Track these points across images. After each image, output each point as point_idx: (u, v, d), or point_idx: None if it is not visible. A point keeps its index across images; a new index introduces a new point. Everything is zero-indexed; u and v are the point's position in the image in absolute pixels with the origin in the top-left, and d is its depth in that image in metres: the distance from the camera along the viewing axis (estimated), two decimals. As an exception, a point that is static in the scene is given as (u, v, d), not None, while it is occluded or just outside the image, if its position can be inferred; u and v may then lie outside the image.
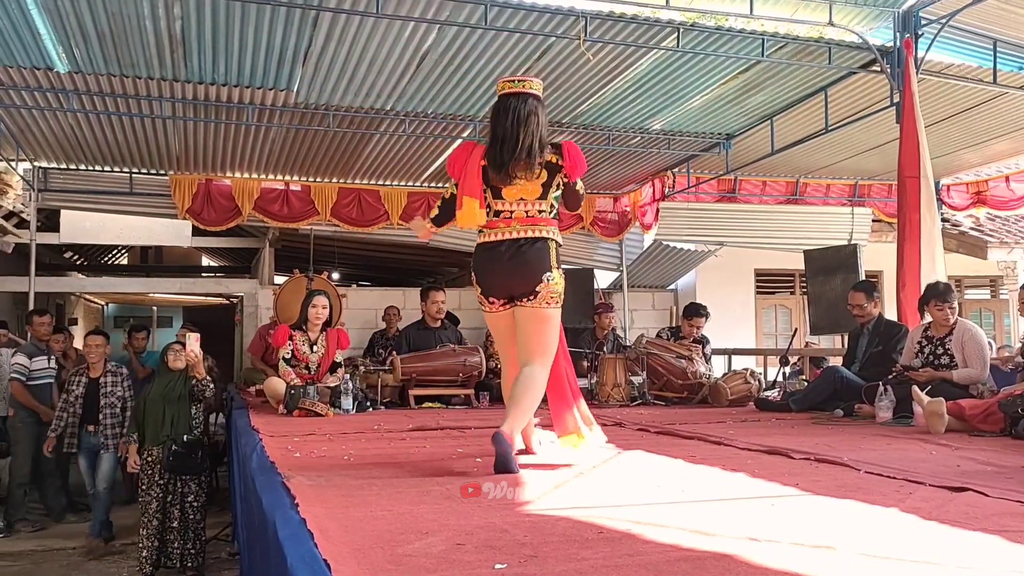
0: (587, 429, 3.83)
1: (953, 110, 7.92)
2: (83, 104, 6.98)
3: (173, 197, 8.96)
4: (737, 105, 7.72)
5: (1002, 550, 1.97)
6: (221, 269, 16.65)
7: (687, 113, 7.84)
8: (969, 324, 5.42)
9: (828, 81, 7.23)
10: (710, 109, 7.79)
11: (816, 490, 2.75)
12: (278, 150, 8.44)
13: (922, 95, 6.62)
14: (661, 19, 5.98)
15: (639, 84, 7.06)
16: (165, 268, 16.37)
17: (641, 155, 8.99)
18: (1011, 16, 6.46)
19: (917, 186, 6.32)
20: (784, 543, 2.02)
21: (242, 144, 8.24)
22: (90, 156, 8.60)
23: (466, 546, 2.00)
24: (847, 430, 4.79)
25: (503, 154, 3.41)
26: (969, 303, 12.55)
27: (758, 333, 11.35)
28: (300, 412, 5.66)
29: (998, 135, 8.78)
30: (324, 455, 3.76)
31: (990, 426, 4.39)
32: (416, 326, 7.72)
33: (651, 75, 6.88)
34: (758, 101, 7.64)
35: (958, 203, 10.70)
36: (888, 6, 6.34)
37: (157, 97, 6.88)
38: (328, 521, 2.23)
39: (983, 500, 2.58)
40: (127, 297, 16.64)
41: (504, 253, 3.48)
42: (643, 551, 1.97)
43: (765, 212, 10.06)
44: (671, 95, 7.34)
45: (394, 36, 5.98)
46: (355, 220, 9.39)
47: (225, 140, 8.11)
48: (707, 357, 7.65)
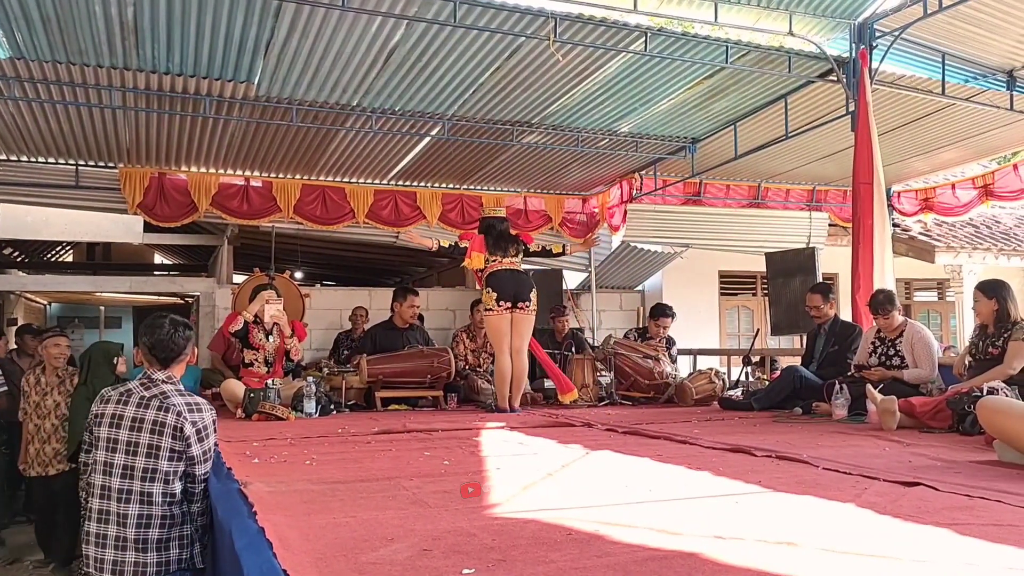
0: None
1: (904, 120, 8.18)
2: (26, 92, 6.63)
3: (122, 191, 8.61)
4: (702, 110, 7.83)
5: (953, 543, 2.05)
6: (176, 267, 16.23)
7: (654, 116, 7.93)
8: (918, 326, 5.60)
9: (788, 89, 7.41)
10: (676, 113, 7.89)
11: (778, 487, 2.82)
12: (238, 144, 8.23)
13: (875, 105, 6.84)
14: (629, 23, 6.06)
15: (607, 86, 7.13)
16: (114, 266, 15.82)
17: (609, 157, 9.06)
18: (959, 31, 6.70)
19: (870, 192, 6.52)
20: (748, 540, 2.07)
21: (199, 137, 7.98)
22: (32, 147, 8.15)
23: (433, 552, 1.98)
24: (806, 428, 4.93)
25: (500, 245, 6.35)
26: (917, 305, 12.89)
27: (722, 333, 11.48)
28: (260, 416, 5.54)
29: (946, 144, 9.13)
30: (285, 460, 3.69)
31: (939, 423, 4.55)
32: (383, 327, 7.62)
33: (619, 78, 6.95)
34: (722, 106, 7.77)
35: (907, 209, 11.10)
36: (845, 18, 6.52)
37: (107, 86, 6.60)
38: (288, 530, 2.18)
39: (934, 494, 2.67)
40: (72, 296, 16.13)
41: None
42: (611, 552, 1.99)
43: (729, 215, 10.20)
44: (639, 98, 7.42)
45: (361, 30, 5.92)
46: (319, 218, 9.24)
47: (180, 133, 7.83)
48: (673, 357, 7.74)
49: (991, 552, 1.95)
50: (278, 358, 6.59)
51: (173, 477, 3.07)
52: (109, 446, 3.09)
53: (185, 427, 3.09)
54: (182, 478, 3.11)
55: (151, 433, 3.07)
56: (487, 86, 7.02)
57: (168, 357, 3.26)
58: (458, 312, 9.75)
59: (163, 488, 3.04)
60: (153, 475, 3.03)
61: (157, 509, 3.02)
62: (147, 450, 3.05)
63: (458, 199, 9.83)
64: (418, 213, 9.60)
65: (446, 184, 9.99)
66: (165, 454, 3.05)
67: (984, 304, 4.96)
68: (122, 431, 3.08)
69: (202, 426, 3.15)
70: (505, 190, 10.33)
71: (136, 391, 3.17)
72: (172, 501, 3.06)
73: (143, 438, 3.06)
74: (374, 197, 9.44)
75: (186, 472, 3.11)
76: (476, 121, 7.83)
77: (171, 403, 3.12)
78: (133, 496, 3.02)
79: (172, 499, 3.06)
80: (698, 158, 8.98)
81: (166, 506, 3.04)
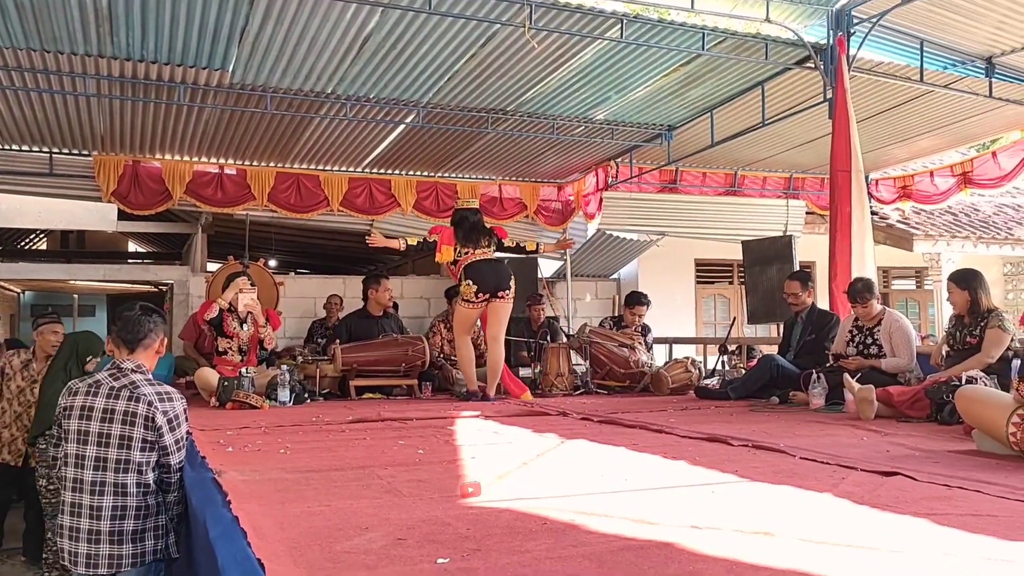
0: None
1: (882, 107, 8.19)
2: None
3: (97, 179, 8.61)
4: (679, 97, 7.82)
5: (931, 533, 2.05)
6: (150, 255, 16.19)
7: (630, 104, 7.91)
8: (896, 315, 5.63)
9: (765, 76, 7.41)
10: (653, 100, 7.88)
11: (754, 476, 2.82)
12: (212, 132, 8.20)
13: (853, 92, 6.83)
14: (605, 10, 6.02)
15: (583, 74, 7.10)
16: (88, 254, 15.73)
17: (585, 144, 9.04)
18: (937, 17, 6.71)
19: (848, 180, 6.52)
20: (724, 530, 2.07)
21: (173, 125, 7.95)
22: (6, 135, 8.10)
23: (407, 541, 1.98)
24: (783, 417, 4.95)
25: (472, 237, 6.33)
26: (896, 293, 12.99)
27: (698, 322, 11.53)
28: (234, 405, 5.54)
29: (924, 132, 9.13)
30: (259, 449, 3.69)
31: (917, 412, 4.57)
32: (357, 315, 7.61)
33: (595, 65, 6.92)
34: (699, 94, 7.76)
35: (885, 197, 11.12)
36: (822, 4, 6.51)
37: (81, 74, 6.57)
38: (262, 518, 2.18)
39: (912, 484, 2.68)
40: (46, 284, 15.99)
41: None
42: (587, 541, 1.99)
43: (705, 203, 10.23)
44: (615, 85, 7.40)
45: (335, 17, 5.86)
46: (293, 206, 9.22)
47: (155, 120, 7.81)
48: (649, 346, 7.76)
49: (969, 542, 1.96)
50: (252, 346, 6.57)
51: (146, 467, 3.05)
52: (80, 438, 3.06)
53: (156, 417, 3.06)
54: (155, 468, 3.09)
55: (123, 424, 3.04)
56: (462, 73, 6.98)
57: (134, 339, 3.23)
58: (433, 300, 9.72)
59: (137, 479, 3.02)
60: (127, 466, 3.02)
61: (131, 500, 3.01)
62: (119, 441, 3.03)
63: (433, 187, 9.80)
64: (392, 201, 9.57)
65: (421, 172, 9.95)
66: (138, 444, 3.03)
67: (958, 295, 4.97)
68: (93, 423, 3.05)
69: (173, 415, 3.13)
70: (480, 178, 10.29)
71: (105, 382, 3.13)
72: (147, 491, 3.05)
73: (115, 429, 3.04)
74: (348, 185, 9.42)
75: (160, 462, 3.10)
76: (451, 108, 7.78)
77: (141, 393, 3.09)
78: (107, 488, 3.00)
79: (146, 489, 3.05)
80: (674, 146, 8.97)
81: (140, 496, 3.03)
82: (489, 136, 8.57)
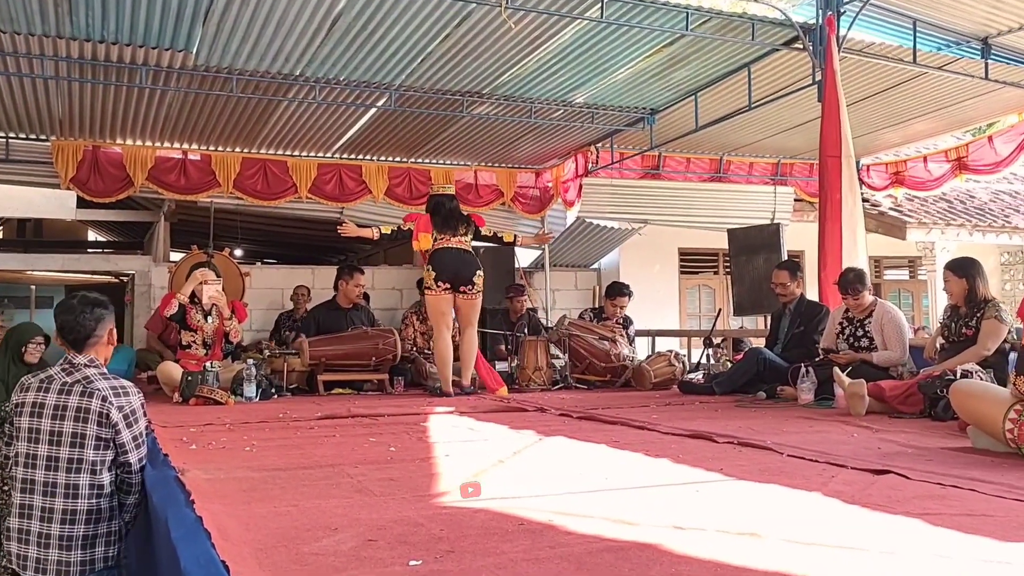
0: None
1: (874, 89, 8.20)
2: (-49, 61, 6.57)
3: (55, 165, 8.54)
4: (662, 79, 7.81)
5: (925, 533, 2.05)
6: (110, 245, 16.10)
7: (611, 86, 7.90)
8: (888, 306, 5.64)
9: (751, 57, 7.39)
10: (634, 83, 7.87)
11: (740, 475, 2.82)
12: (175, 116, 8.15)
13: (844, 74, 6.82)
14: (585, -13, 5.98)
15: (562, 55, 7.07)
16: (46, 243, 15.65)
17: (564, 129, 9.03)
18: (931, -4, 6.70)
19: (838, 165, 6.53)
20: (709, 530, 2.06)
21: (135, 108, 7.91)
22: None
23: (378, 542, 1.97)
24: (770, 413, 4.95)
25: (450, 224, 6.33)
26: (888, 283, 13.06)
27: (682, 314, 11.57)
28: (198, 400, 5.56)
29: (917, 115, 9.14)
30: (223, 447, 3.69)
31: (910, 407, 4.56)
32: (326, 306, 7.59)
33: (574, 46, 6.89)
34: (682, 76, 7.75)
35: (877, 183, 11.10)
36: (811, -18, 6.50)
37: (38, 55, 6.54)
38: (227, 519, 2.18)
39: (905, 483, 2.68)
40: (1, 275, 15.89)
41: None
42: (565, 542, 1.98)
43: (689, 190, 10.23)
44: (595, 67, 7.38)
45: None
46: (260, 193, 9.19)
47: (115, 104, 7.76)
48: (630, 339, 7.76)
49: (964, 543, 1.95)
50: (217, 340, 6.56)
51: (101, 467, 3.01)
52: (31, 437, 3.02)
53: (112, 413, 3.02)
54: (111, 468, 3.05)
55: (75, 421, 3.00)
56: (436, 55, 6.93)
57: (77, 339, 3.19)
58: (405, 292, 9.69)
59: (90, 479, 2.98)
60: (79, 465, 2.98)
61: (83, 503, 2.97)
62: (72, 439, 2.99)
63: (405, 173, 9.76)
64: (364, 188, 9.54)
65: (393, 157, 9.92)
66: (91, 442, 2.99)
67: (955, 284, 4.97)
68: (44, 420, 3.01)
69: (130, 411, 3.09)
70: (455, 163, 10.26)
71: (58, 377, 3.09)
72: (100, 494, 3.00)
73: (67, 427, 2.99)
74: (318, 171, 9.39)
75: (118, 461, 3.06)
76: (424, 91, 7.75)
77: (95, 388, 3.05)
78: (58, 489, 2.96)
79: (100, 492, 3.00)
80: (657, 130, 8.97)
81: (93, 499, 2.99)
82: (464, 120, 8.53)
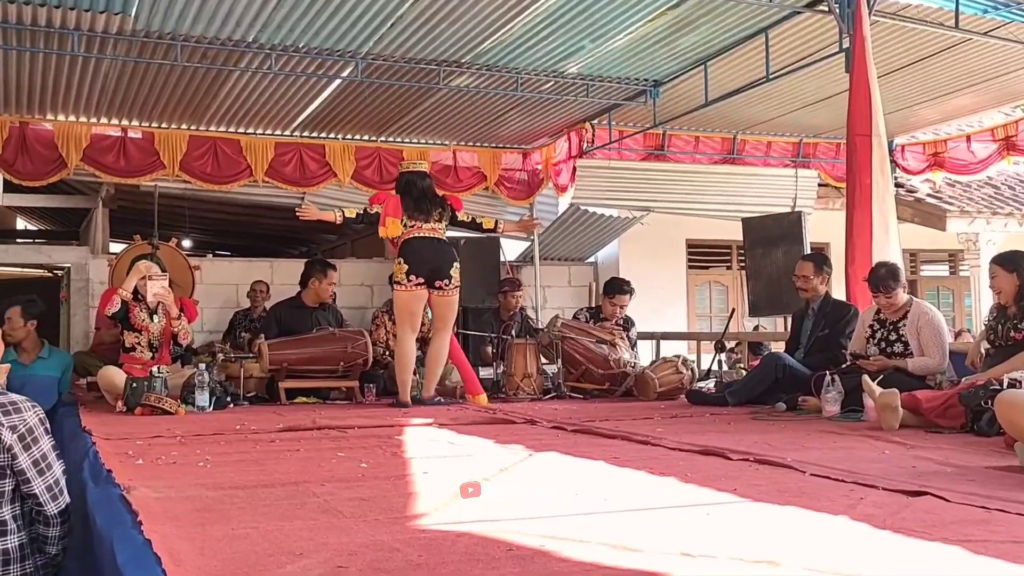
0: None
1: (910, 58, 8.19)
2: None
3: (-23, 145, 8.55)
4: (667, 46, 7.81)
5: (965, 562, 2.06)
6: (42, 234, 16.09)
7: (608, 55, 7.90)
8: (926, 307, 5.65)
9: (769, 22, 7.38)
10: (635, 50, 7.86)
11: (756, 496, 2.84)
12: (112, 88, 8.14)
13: (875, 40, 6.82)
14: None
15: (552, 18, 7.04)
16: (-32, 233, 15.62)
17: (555, 103, 9.04)
18: (976, -51, 6.71)
19: (868, 145, 6.52)
20: (721, 558, 2.07)
21: (66, 80, 7.88)
22: None
23: (348, 569, 1.98)
24: (790, 426, 4.99)
25: (422, 207, 6.30)
26: (925, 280, 13.07)
27: (690, 314, 11.62)
28: (144, 410, 5.58)
29: (959, 88, 9.09)
30: (174, 462, 3.71)
31: (949, 421, 4.56)
32: (288, 304, 7.55)
33: (566, 8, 6.86)
34: (690, 42, 7.75)
35: (913, 166, 11.03)
36: (839, -65, 6.50)
37: (-46, 19, 6.53)
38: (179, 542, 2.19)
39: (943, 505, 2.69)
40: (-81, 268, 15.86)
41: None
42: (558, 570, 1.99)
43: (698, 173, 10.26)
44: (590, 32, 7.36)
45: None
46: (210, 176, 9.19)
47: (44, 74, 7.72)
48: (632, 342, 7.79)
49: (1010, 574, 1.97)
50: (164, 342, 6.57)
51: (0, 500, 2.87)
52: None
53: (2, 435, 2.85)
54: (14, 500, 2.91)
55: None
56: (408, 18, 6.91)
57: None
58: (376, 288, 9.72)
59: None
60: None
61: None
62: None
63: (375, 153, 9.78)
64: (327, 170, 9.56)
65: (360, 136, 9.93)
66: None
67: (1004, 279, 4.96)
68: None
69: (25, 429, 2.91)
70: (431, 143, 10.27)
71: None
72: (4, 531, 2.86)
73: None
74: (275, 151, 9.40)
75: (20, 492, 2.91)
76: (395, 60, 7.73)
77: None
78: None
79: (2, 530, 2.86)
80: (661, 105, 8.96)
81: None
82: (441, 93, 8.54)
